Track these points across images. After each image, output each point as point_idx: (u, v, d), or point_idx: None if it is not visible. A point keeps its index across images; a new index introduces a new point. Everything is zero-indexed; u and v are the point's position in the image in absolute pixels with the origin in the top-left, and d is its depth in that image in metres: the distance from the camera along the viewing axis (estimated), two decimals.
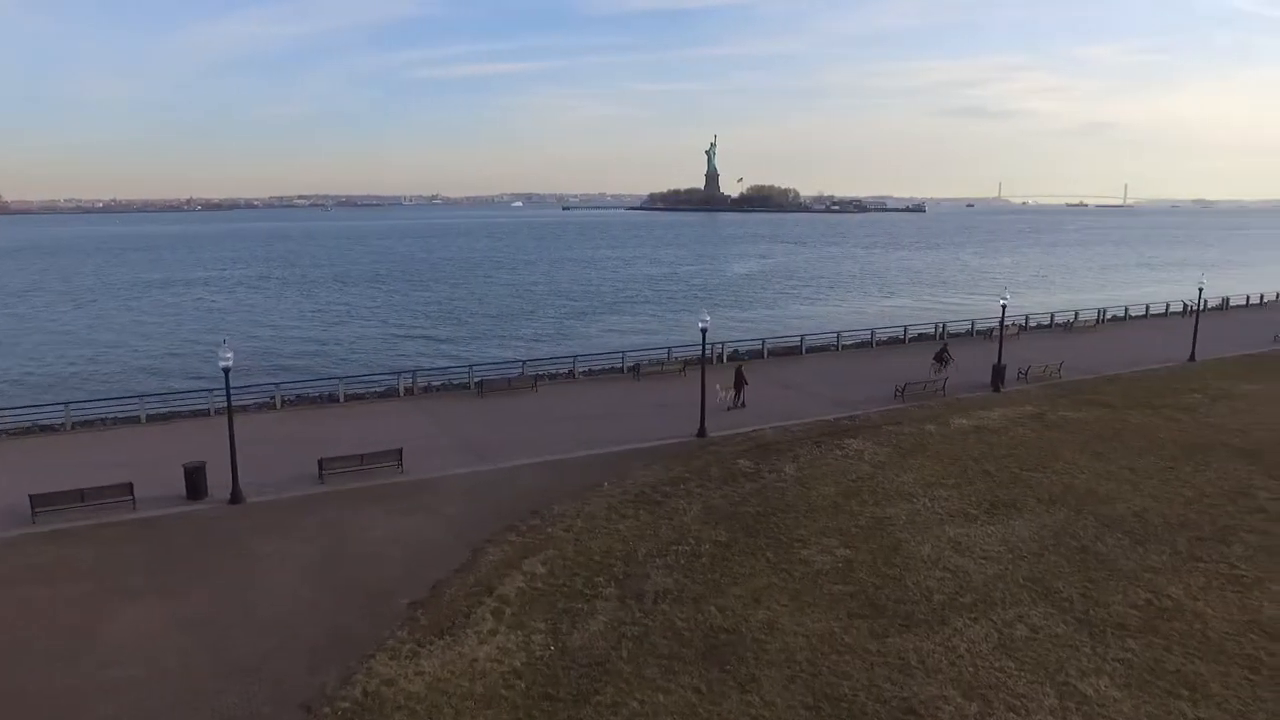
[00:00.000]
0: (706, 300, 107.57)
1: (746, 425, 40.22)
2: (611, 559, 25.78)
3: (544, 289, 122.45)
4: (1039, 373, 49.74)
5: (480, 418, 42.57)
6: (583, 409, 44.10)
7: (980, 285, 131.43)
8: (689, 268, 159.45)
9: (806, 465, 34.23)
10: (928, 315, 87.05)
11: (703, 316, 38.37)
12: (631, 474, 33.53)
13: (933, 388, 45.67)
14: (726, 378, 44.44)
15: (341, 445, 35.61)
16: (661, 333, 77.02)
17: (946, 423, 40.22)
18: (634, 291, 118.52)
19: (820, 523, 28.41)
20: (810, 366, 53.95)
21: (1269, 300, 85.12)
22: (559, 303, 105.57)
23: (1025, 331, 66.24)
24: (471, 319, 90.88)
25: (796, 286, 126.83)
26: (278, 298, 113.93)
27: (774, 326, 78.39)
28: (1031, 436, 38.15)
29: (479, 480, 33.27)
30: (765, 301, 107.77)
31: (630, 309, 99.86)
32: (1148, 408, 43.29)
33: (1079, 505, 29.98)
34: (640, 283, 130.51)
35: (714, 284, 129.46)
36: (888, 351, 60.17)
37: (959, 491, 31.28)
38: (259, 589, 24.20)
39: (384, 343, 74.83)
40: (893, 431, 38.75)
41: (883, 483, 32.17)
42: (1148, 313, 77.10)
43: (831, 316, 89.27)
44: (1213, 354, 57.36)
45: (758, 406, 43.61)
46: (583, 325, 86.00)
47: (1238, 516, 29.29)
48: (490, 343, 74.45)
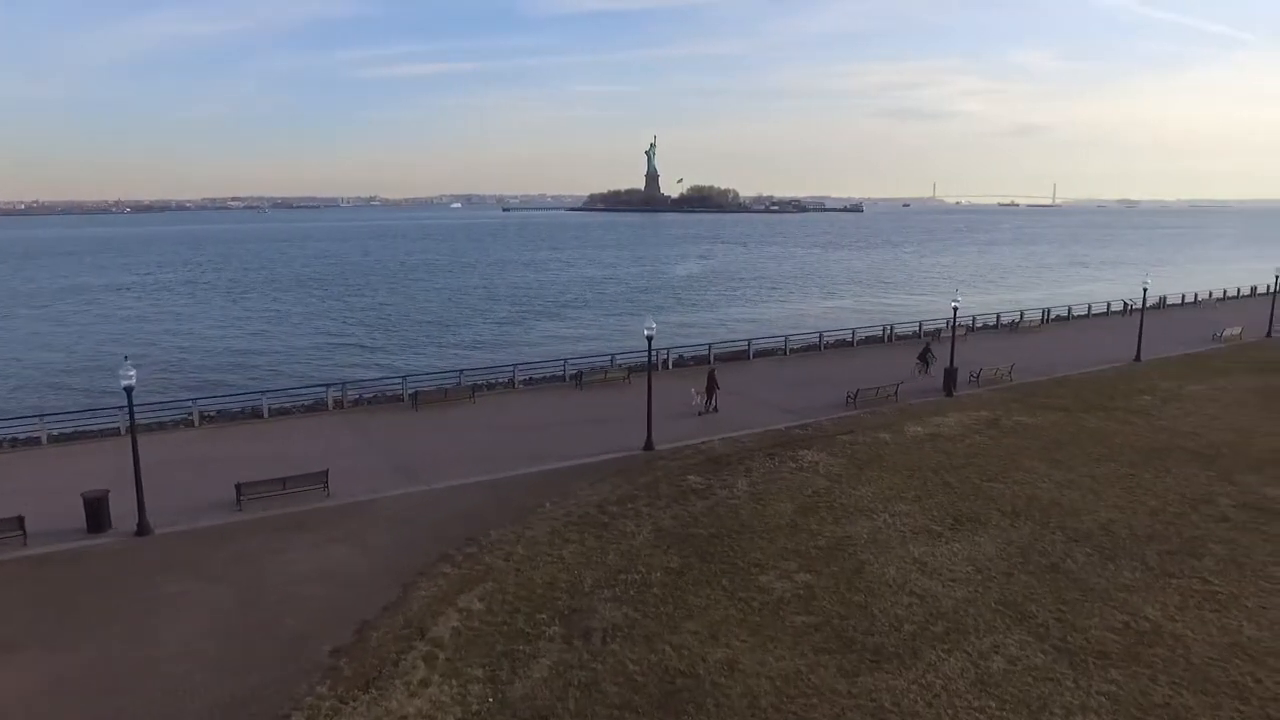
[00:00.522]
0: (649, 303, 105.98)
1: (695, 436, 38.45)
2: (556, 591, 23.73)
3: (482, 293, 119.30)
4: (990, 376, 48.91)
5: (414, 432, 40.11)
6: (523, 421, 41.90)
7: (922, 285, 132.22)
8: (630, 269, 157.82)
9: (760, 480, 32.56)
10: (873, 317, 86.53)
11: (648, 324, 36.50)
12: (576, 493, 31.50)
13: (884, 393, 44.44)
14: (687, 383, 42.60)
15: (264, 466, 32.98)
16: (604, 338, 74.97)
17: (901, 430, 38.95)
18: (575, 294, 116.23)
19: (778, 544, 26.70)
20: (758, 372, 52.45)
21: (1202, 299, 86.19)
22: (498, 308, 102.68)
23: (972, 332, 65.77)
24: (406, 326, 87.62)
25: (739, 288, 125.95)
26: (203, 304, 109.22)
27: (719, 330, 77.03)
28: (989, 444, 37.03)
29: (411, 503, 30.92)
30: (708, 304, 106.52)
31: (572, 313, 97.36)
32: (1101, 410, 42.61)
33: (1044, 518, 28.77)
34: (581, 285, 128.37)
35: (656, 286, 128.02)
36: (836, 355, 59.02)
37: (920, 506, 29.88)
38: (160, 639, 21.61)
39: (313, 352, 71.25)
40: (847, 441, 37.31)
41: (840, 497, 30.63)
42: (1090, 312, 77.45)
43: (777, 319, 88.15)
44: (1157, 353, 57.31)
45: (705, 416, 41.92)
46: (522, 331, 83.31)
47: (1203, 526, 28.36)
48: (426, 351, 71.48)
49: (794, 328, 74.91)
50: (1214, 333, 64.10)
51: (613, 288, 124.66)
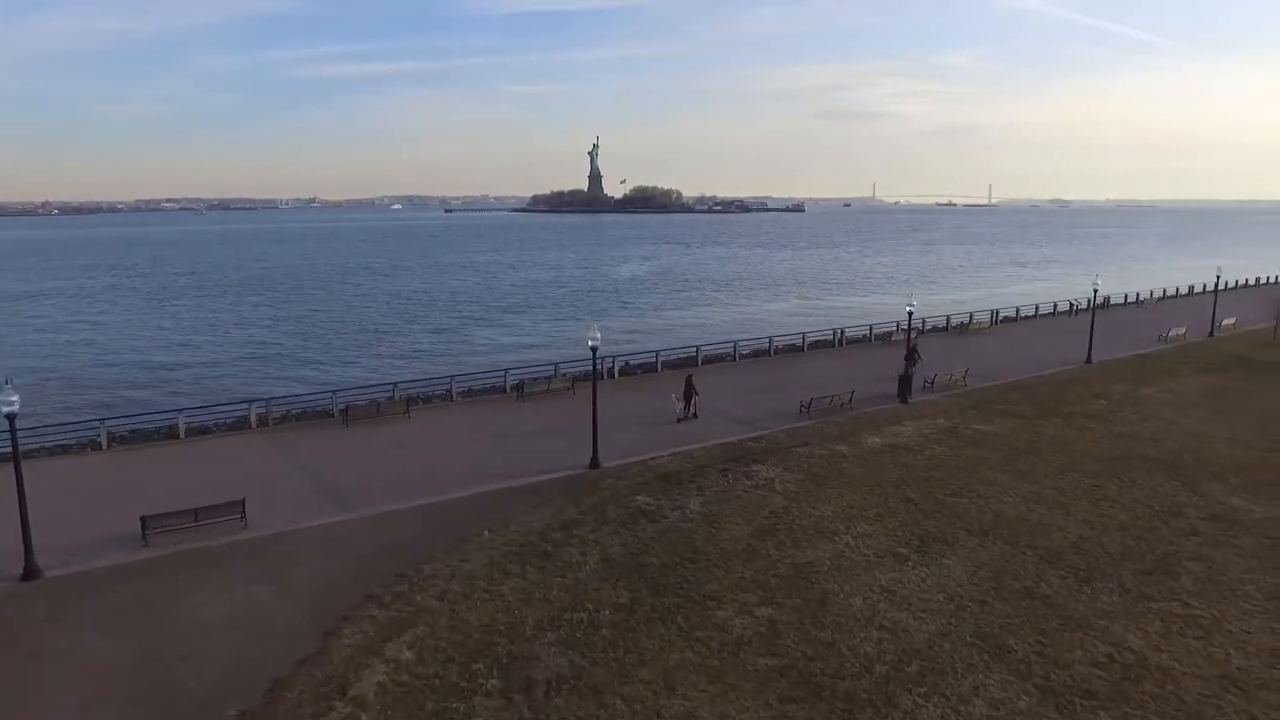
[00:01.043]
0: (593, 306, 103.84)
1: (643, 452, 36.41)
2: (494, 635, 21.51)
3: (421, 298, 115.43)
4: (945, 381, 47.74)
5: (344, 452, 37.44)
6: (461, 437, 39.48)
7: (866, 285, 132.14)
8: (574, 272, 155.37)
9: (713, 499, 30.67)
10: (822, 320, 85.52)
11: (592, 333, 34.36)
12: (516, 518, 29.28)
13: (839, 402, 42.92)
14: (633, 393, 40.57)
15: (177, 493, 30.19)
16: (548, 345, 72.43)
17: (858, 442, 37.41)
18: (517, 299, 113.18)
19: (735, 573, 24.81)
20: (708, 380, 50.52)
21: (1144, 299, 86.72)
22: (436, 314, 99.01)
23: (922, 335, 64.71)
24: (340, 334, 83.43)
25: (684, 290, 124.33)
26: (125, 312, 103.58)
27: (665, 335, 75.05)
28: (949, 455, 35.64)
29: (338, 533, 28.39)
30: (653, 307, 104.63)
31: (513, 319, 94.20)
32: (1058, 417, 41.60)
33: (1013, 536, 27.34)
34: (524, 289, 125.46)
35: (600, 288, 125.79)
36: (787, 361, 57.46)
37: (883, 525, 28.25)
38: (40, 708, 18.92)
39: (239, 365, 67.23)
40: (803, 454, 35.62)
41: (799, 517, 28.86)
42: (1037, 313, 77.17)
43: (724, 322, 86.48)
44: (1106, 355, 56.85)
45: (655, 430, 39.97)
46: (462, 339, 79.86)
47: (1175, 542, 27.19)
48: (360, 362, 67.91)
49: (742, 332, 73.41)
50: (1160, 333, 64.04)
51: (556, 291, 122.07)
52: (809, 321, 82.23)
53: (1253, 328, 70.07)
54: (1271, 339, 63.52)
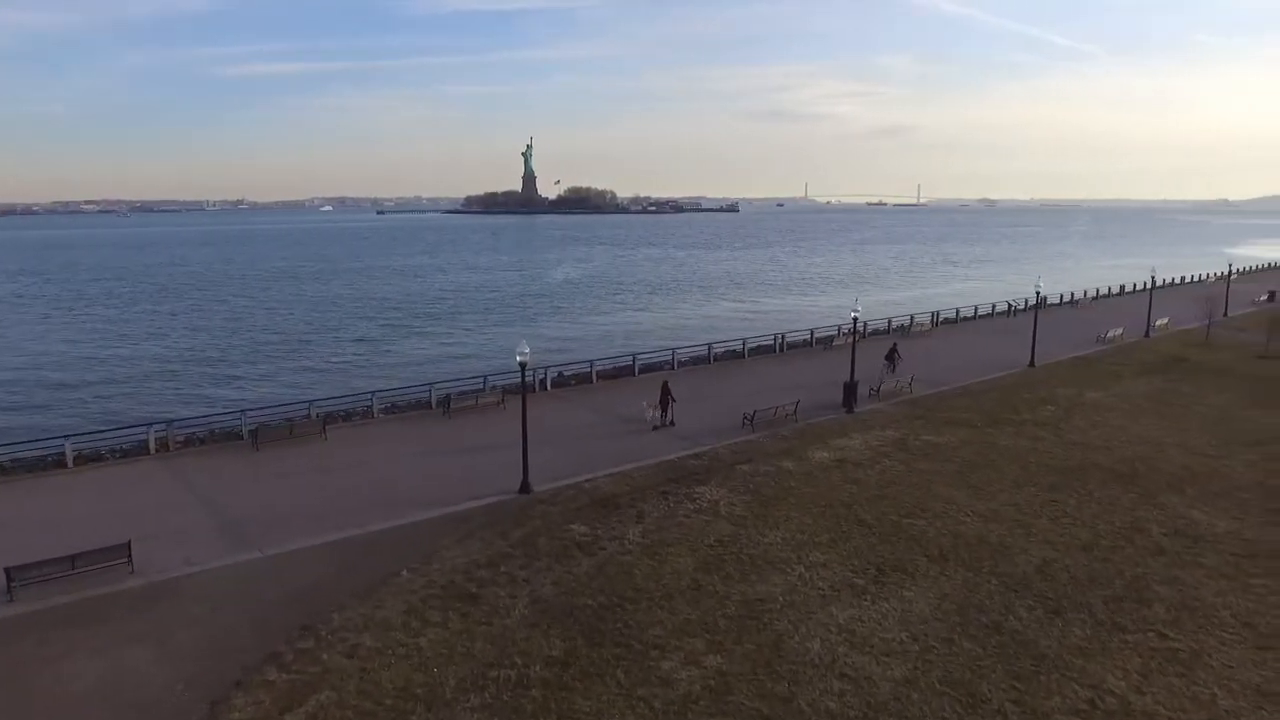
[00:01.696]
0: (526, 312, 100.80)
1: (578, 473, 33.95)
2: (409, 701, 18.90)
3: (346, 305, 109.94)
4: (891, 389, 46.22)
5: (251, 480, 34.20)
6: (381, 459, 36.52)
7: (803, 286, 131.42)
8: (506, 275, 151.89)
9: (654, 526, 28.39)
10: (760, 323, 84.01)
11: (520, 348, 31.79)
12: (439, 553, 26.62)
13: (783, 413, 41.01)
14: (568, 404, 38.14)
15: (57, 533, 26.92)
16: (477, 355, 69.06)
17: (805, 457, 35.49)
18: (447, 305, 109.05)
19: (680, 614, 22.55)
20: (644, 391, 48.34)
21: (1079, 298, 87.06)
22: (360, 323, 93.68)
23: (862, 339, 63.30)
24: (257, 346, 77.94)
25: (619, 293, 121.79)
26: (21, 324, 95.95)
27: (600, 342, 72.44)
28: (900, 470, 33.93)
29: (237, 578, 25.39)
30: (588, 311, 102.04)
31: (442, 327, 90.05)
32: (1009, 425, 40.32)
33: (974, 561, 25.59)
34: (454, 294, 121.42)
35: (533, 292, 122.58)
36: (727, 368, 55.48)
37: (837, 553, 26.28)
38: None
39: (142, 382, 62.15)
40: (748, 473, 33.56)
41: (747, 546, 26.74)
42: (976, 314, 76.57)
43: (660, 327, 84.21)
44: (1048, 357, 56.12)
45: (590, 445, 37.57)
46: (386, 349, 75.16)
47: (1142, 562, 25.76)
48: (275, 376, 63.40)
49: (680, 337, 71.47)
50: (1098, 334, 63.77)
51: (487, 296, 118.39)
52: (748, 325, 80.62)
53: (1184, 328, 70.46)
54: (1203, 339, 63.64)
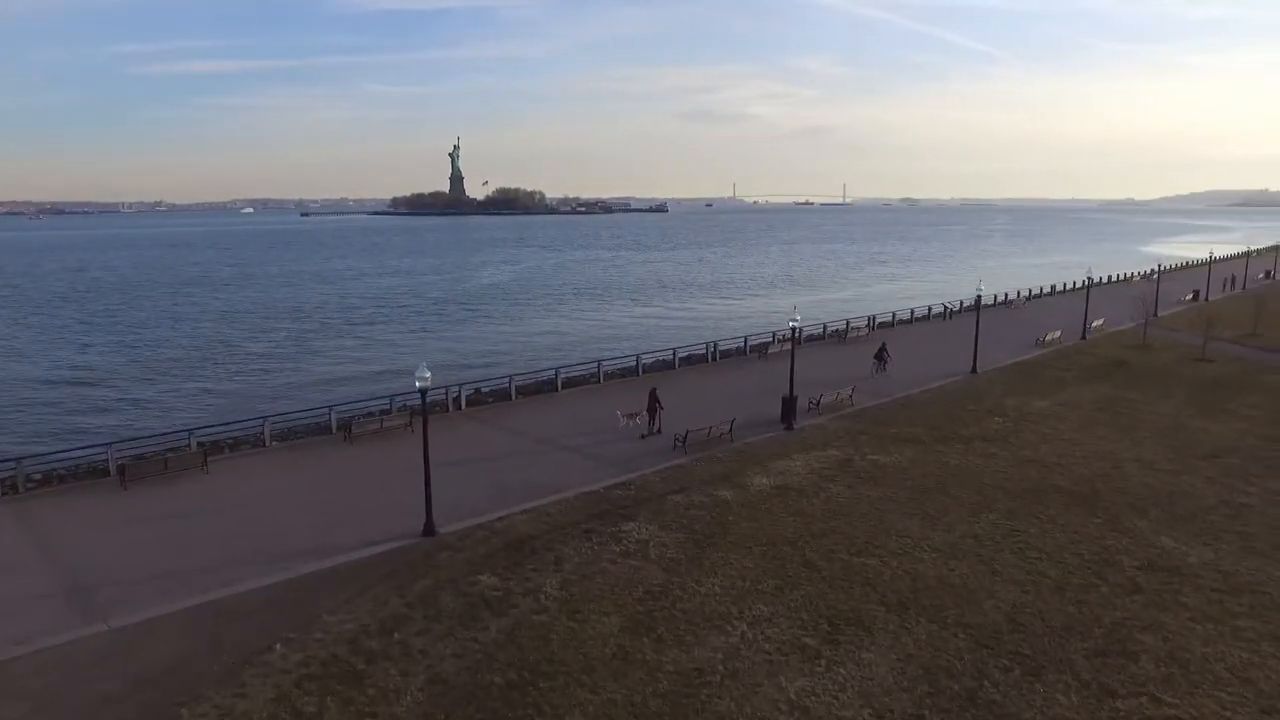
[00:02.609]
0: (446, 319, 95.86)
1: (491, 508, 30.16)
2: None
3: (252, 315, 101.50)
4: (831, 401, 43.37)
5: (112, 527, 29.50)
6: (269, 497, 32.17)
7: (733, 289, 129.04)
8: (428, 279, 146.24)
9: (575, 575, 24.81)
10: (690, 330, 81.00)
11: (420, 371, 27.84)
12: (323, 617, 22.63)
13: (718, 431, 37.78)
14: (483, 425, 34.30)
15: None
16: (390, 370, 62.83)
17: (744, 484, 32.27)
18: (362, 313, 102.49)
19: (603, 693, 19.01)
20: (568, 409, 44.76)
21: (1013, 299, 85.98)
22: (265, 335, 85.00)
23: (799, 346, 60.57)
24: (145, 363, 69.68)
25: (544, 298, 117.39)
26: None
27: (522, 353, 67.99)
28: (847, 497, 30.92)
29: (77, 659, 21.00)
30: (511, 319, 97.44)
31: (353, 338, 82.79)
32: (957, 441, 37.71)
33: (938, 610, 22.59)
34: (370, 301, 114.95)
35: (455, 298, 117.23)
36: (658, 382, 51.98)
37: (783, 603, 23.03)
38: None
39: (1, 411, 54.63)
40: (681, 505, 30.19)
41: (681, 599, 23.33)
42: (913, 316, 74.46)
43: (586, 336, 80.00)
44: (989, 362, 54.10)
45: (508, 478, 33.78)
46: (288, 366, 68.51)
47: (1119, 604, 23.09)
48: (156, 401, 56.51)
49: (606, 345, 68.09)
50: (1037, 337, 62.19)
51: (405, 303, 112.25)
52: (677, 333, 77.53)
53: (1119, 329, 69.51)
54: (1140, 341, 62.50)
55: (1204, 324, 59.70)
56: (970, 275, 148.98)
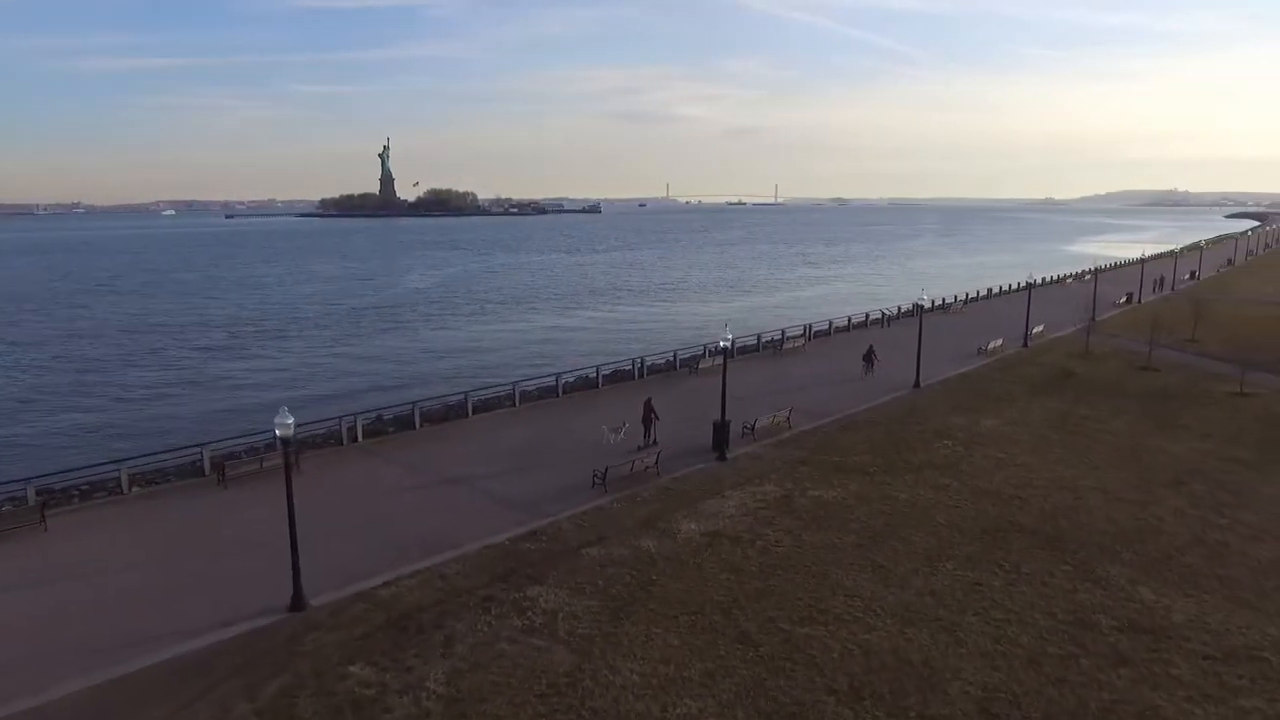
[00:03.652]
0: (357, 334, 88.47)
1: (375, 570, 25.72)
2: None
3: (146, 330, 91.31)
4: (768, 425, 39.80)
5: None
6: (113, 560, 27.17)
7: (664, 294, 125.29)
8: (347, 284, 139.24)
9: (466, 663, 20.60)
10: (617, 340, 77.15)
11: (281, 418, 23.30)
12: None
13: (641, 464, 33.84)
14: (377, 461, 29.82)
15: None
16: (282, 398, 55.09)
17: (670, 531, 28.38)
18: (265, 327, 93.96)
19: None
20: (479, 438, 40.38)
21: (950, 303, 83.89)
22: (151, 356, 75.46)
23: (731, 359, 57.00)
24: (28, 390, 61.40)
25: (463, 306, 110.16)
26: None
27: (431, 374, 61.99)
28: (787, 545, 27.23)
29: None
30: (426, 332, 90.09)
31: (247, 357, 73.78)
32: (906, 470, 34.38)
33: (897, 698, 18.96)
34: (277, 311, 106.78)
35: (371, 306, 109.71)
36: (578, 403, 47.81)
37: (714, 696, 19.15)
38: None
39: None
40: (597, 560, 26.17)
41: (593, 693, 19.31)
42: (850, 324, 71.45)
43: (503, 352, 73.64)
44: (932, 374, 51.22)
45: (400, 530, 29.35)
46: (164, 394, 59.62)
47: (1105, 681, 19.78)
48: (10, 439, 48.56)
49: (526, 359, 63.86)
50: (979, 346, 59.72)
51: (316, 313, 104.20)
52: (604, 344, 73.59)
53: (1060, 335, 67.62)
54: (1083, 349, 60.41)
55: (1149, 331, 57.87)
56: (902, 275, 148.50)
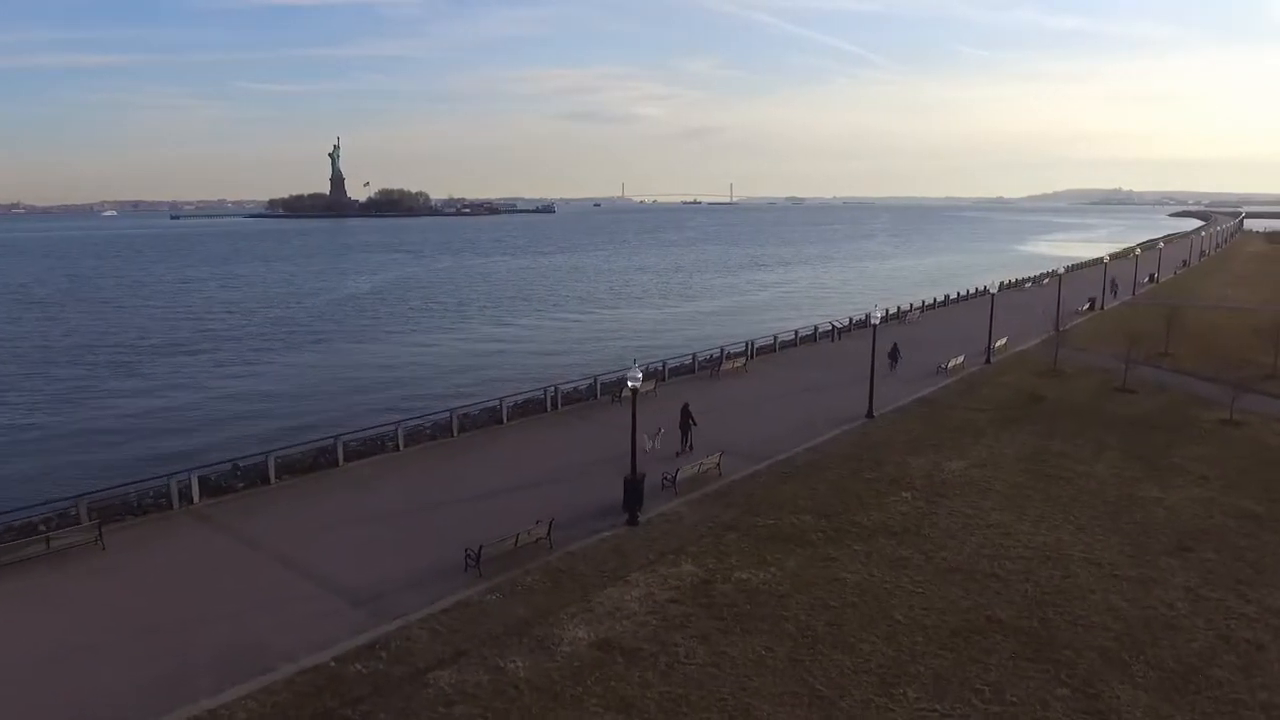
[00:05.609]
0: (260, 351, 78.24)
1: (162, 707, 18.80)
2: None
3: (35, 349, 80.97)
4: (692, 474, 33.24)
5: None
6: None
7: (597, 304, 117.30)
8: (270, 292, 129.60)
9: None
10: (539, 360, 70.03)
11: None
12: None
13: (529, 535, 27.05)
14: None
15: None
16: (112, 442, 46.95)
17: (550, 640, 21.67)
18: (177, 335, 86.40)
19: None
20: (344, 495, 33.26)
21: (906, 312, 78.06)
22: (27, 382, 64.83)
23: (662, 383, 50.51)
24: None
25: (384, 319, 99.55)
26: None
27: (312, 406, 53.70)
28: (700, 658, 20.67)
29: None
30: (327, 351, 78.45)
31: (88, 394, 60.78)
32: (855, 537, 28.02)
33: None
34: (181, 323, 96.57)
35: (289, 318, 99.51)
36: (474, 442, 39.64)
37: None
38: None
39: None
40: (445, 694, 19.37)
41: None
42: (797, 338, 64.88)
43: (400, 379, 63.75)
44: (888, 400, 45.16)
45: (211, 637, 22.32)
46: (52, 431, 50.23)
47: None
48: None
49: (422, 397, 56.16)
50: (938, 364, 53.82)
51: (222, 326, 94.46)
52: (521, 365, 66.40)
53: (1023, 348, 62.20)
54: (1051, 366, 54.82)
55: (1119, 343, 52.54)
56: (855, 280, 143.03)
